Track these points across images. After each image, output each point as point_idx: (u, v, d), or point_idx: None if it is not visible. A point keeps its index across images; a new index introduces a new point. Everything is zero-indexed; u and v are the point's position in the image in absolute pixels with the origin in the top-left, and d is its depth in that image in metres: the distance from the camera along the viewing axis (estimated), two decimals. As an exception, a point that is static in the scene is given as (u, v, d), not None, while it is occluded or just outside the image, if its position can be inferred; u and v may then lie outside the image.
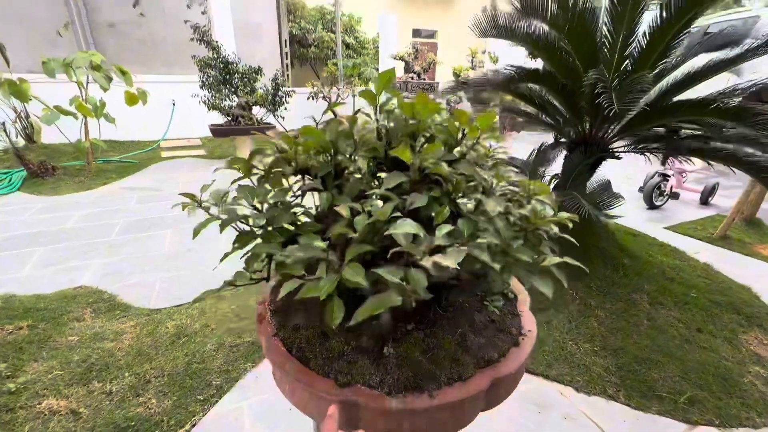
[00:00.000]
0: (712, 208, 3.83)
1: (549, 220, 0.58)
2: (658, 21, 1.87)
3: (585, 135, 2.46)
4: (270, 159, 0.60)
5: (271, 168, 0.59)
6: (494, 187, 0.63)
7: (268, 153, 0.60)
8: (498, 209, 0.54)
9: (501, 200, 0.58)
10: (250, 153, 0.59)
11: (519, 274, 0.59)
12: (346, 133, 0.62)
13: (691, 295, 2.10)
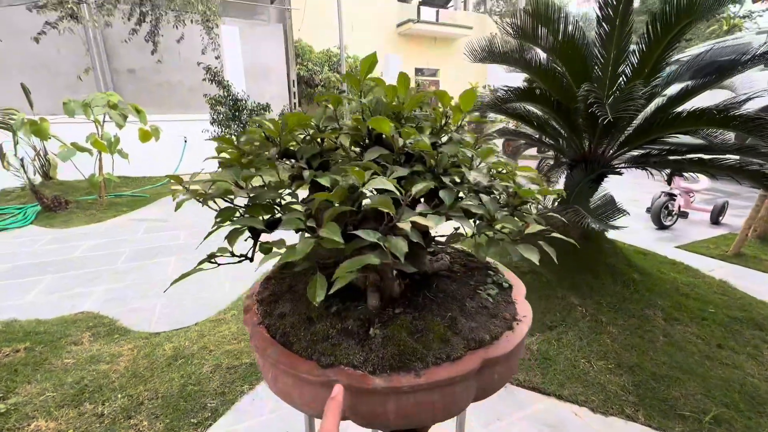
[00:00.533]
0: (724, 227, 3.74)
1: (534, 192, 0.58)
2: (645, 39, 1.94)
3: (585, 152, 2.48)
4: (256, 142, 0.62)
5: (256, 150, 0.60)
6: (479, 165, 0.63)
7: (254, 137, 0.62)
8: (479, 179, 0.54)
9: (485, 175, 0.58)
10: (236, 136, 0.60)
11: (506, 248, 0.58)
12: (330, 116, 0.64)
13: (709, 311, 2.00)
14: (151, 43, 7.58)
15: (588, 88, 1.72)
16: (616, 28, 1.98)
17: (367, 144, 0.67)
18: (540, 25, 2.15)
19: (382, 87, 0.63)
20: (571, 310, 1.93)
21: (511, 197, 0.60)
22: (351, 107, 0.64)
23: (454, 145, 0.62)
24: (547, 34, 2.15)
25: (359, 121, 0.60)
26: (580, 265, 2.18)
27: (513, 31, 2.17)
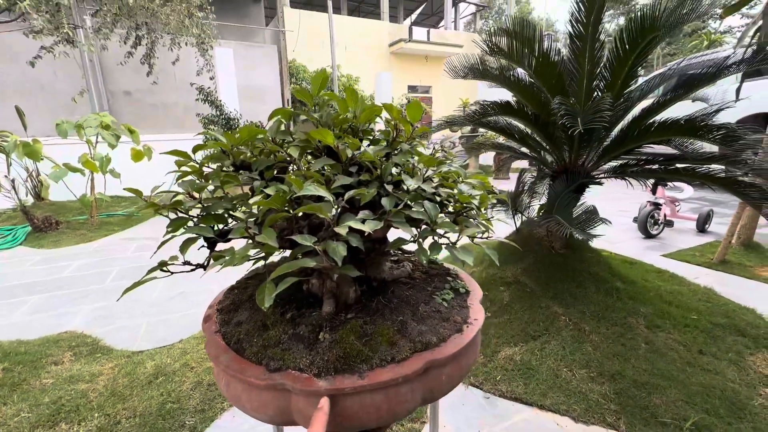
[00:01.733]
0: (711, 235, 3.78)
1: (470, 198, 0.60)
2: (614, 54, 2.01)
3: (566, 164, 2.53)
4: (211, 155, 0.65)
5: (209, 161, 0.62)
6: (424, 172, 0.66)
7: (209, 148, 0.65)
8: (417, 185, 0.57)
9: (428, 183, 0.61)
10: (192, 148, 0.63)
11: (447, 250, 0.60)
12: (283, 130, 0.67)
13: (692, 318, 2.01)
14: (147, 65, 7.73)
15: (560, 101, 1.78)
16: (587, 45, 2.05)
17: (320, 155, 0.70)
18: (516, 43, 2.23)
19: (335, 100, 0.66)
20: (555, 320, 1.94)
21: (453, 204, 0.63)
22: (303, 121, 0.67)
23: (403, 155, 0.65)
24: (524, 51, 2.23)
25: (309, 135, 0.63)
26: (563, 274, 2.19)
27: (489, 49, 2.25)
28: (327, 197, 0.49)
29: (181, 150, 0.61)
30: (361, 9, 20.42)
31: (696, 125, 1.73)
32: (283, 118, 0.66)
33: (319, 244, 0.49)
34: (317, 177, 0.54)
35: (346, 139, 0.59)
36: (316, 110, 0.67)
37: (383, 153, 0.67)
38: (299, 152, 0.62)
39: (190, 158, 0.64)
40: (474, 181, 0.67)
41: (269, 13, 14.41)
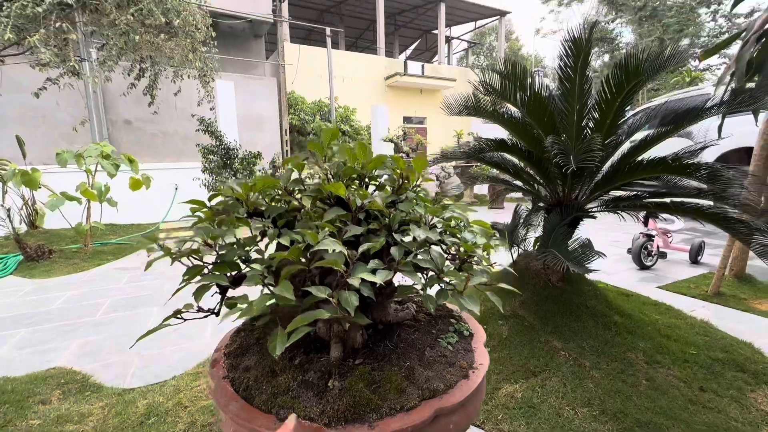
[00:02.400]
0: (704, 266, 3.83)
1: (472, 247, 0.63)
2: (602, 96, 2.12)
3: (560, 197, 2.59)
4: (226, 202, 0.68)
5: (225, 209, 0.65)
6: (429, 221, 0.69)
7: (226, 196, 0.68)
8: (425, 235, 0.59)
9: (434, 231, 0.64)
10: (209, 197, 0.66)
11: (453, 298, 0.62)
12: (296, 179, 0.70)
13: (690, 352, 2.01)
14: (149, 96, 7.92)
15: (553, 140, 1.85)
16: (576, 86, 2.17)
17: (331, 203, 0.73)
18: (509, 83, 2.34)
19: (345, 153, 0.70)
20: (554, 355, 1.93)
21: (458, 252, 0.65)
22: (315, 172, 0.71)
23: (408, 203, 0.69)
24: (516, 91, 2.34)
25: (322, 186, 0.67)
26: (561, 308, 2.20)
27: (484, 89, 2.35)
28: (340, 250, 0.52)
29: (198, 199, 0.64)
30: (358, 44, 21.30)
31: (683, 164, 1.81)
32: (294, 168, 0.69)
33: (332, 294, 0.51)
34: (330, 228, 0.56)
35: (355, 188, 0.62)
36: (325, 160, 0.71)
37: (390, 200, 0.70)
38: (312, 201, 0.65)
39: (205, 205, 0.66)
40: (477, 228, 0.70)
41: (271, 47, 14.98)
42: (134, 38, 6.02)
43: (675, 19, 16.82)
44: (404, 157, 7.41)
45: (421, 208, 0.68)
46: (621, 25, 19.33)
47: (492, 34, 25.96)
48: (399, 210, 0.63)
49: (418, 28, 19.36)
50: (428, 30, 19.53)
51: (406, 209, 0.68)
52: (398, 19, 18.03)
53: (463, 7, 16.31)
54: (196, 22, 7.01)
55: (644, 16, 17.45)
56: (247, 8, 10.22)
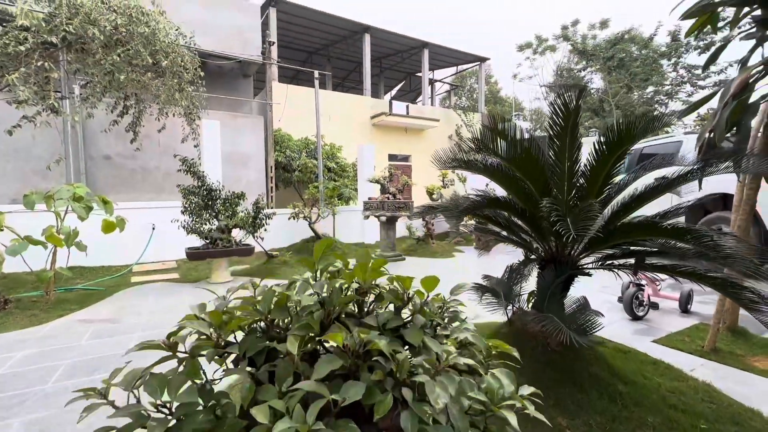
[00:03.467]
0: (694, 316, 3.80)
1: (507, 404, 0.51)
2: (595, 154, 2.12)
3: (553, 253, 2.53)
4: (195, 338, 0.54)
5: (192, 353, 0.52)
6: (445, 360, 0.57)
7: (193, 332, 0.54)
8: (443, 401, 0.47)
9: (452, 380, 0.51)
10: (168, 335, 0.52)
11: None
12: (281, 304, 0.58)
13: (701, 427, 1.89)
14: (132, 132, 7.77)
15: (550, 204, 1.80)
16: (567, 145, 2.16)
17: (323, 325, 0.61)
18: (499, 139, 2.33)
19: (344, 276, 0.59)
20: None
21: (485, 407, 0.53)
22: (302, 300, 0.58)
23: (416, 332, 0.57)
24: (507, 147, 2.32)
25: (313, 323, 0.54)
26: (563, 376, 2.07)
27: (475, 146, 2.33)
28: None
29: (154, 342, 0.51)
30: (344, 84, 21.96)
31: (677, 230, 1.78)
32: (277, 305, 0.57)
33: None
34: (326, 394, 0.44)
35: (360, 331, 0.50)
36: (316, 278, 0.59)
37: (394, 325, 0.58)
38: (299, 343, 0.53)
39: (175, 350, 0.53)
40: (501, 372, 0.58)
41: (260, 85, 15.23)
42: (119, 77, 5.96)
43: (641, 69, 18.09)
44: (390, 198, 7.39)
45: (434, 343, 0.56)
46: (591, 72, 20.64)
47: (473, 77, 27.30)
48: (408, 360, 0.51)
49: (402, 70, 20.18)
50: (412, 72, 20.37)
51: (414, 341, 0.56)
52: (384, 62, 18.78)
53: (445, 53, 17.16)
54: (184, 63, 7.04)
55: (612, 65, 18.73)
56: (236, 50, 10.43)
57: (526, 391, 0.58)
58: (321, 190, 9.26)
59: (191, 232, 5.28)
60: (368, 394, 0.49)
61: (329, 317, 0.56)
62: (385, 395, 0.48)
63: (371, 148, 9.68)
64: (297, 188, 11.91)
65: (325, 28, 14.99)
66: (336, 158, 12.17)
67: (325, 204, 8.51)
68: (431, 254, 7.82)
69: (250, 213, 5.70)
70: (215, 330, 0.53)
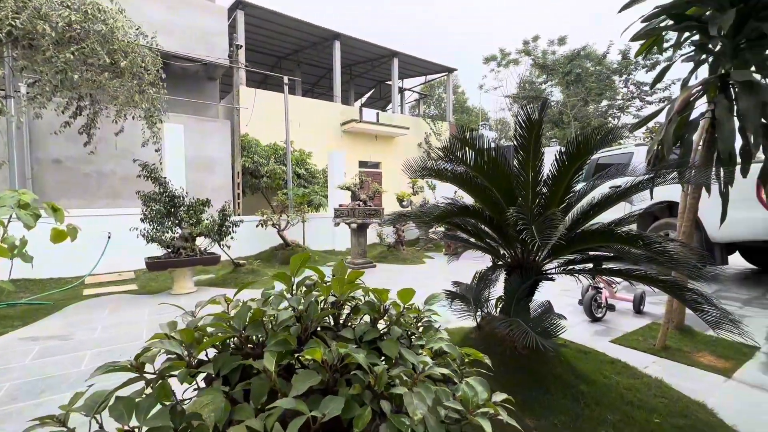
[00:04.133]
0: (647, 316, 4.05)
1: (481, 412, 0.53)
2: (557, 164, 2.24)
3: (519, 259, 2.63)
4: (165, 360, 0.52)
5: (162, 374, 0.50)
6: (421, 371, 0.58)
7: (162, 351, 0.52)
8: (421, 412, 0.48)
9: (429, 390, 0.53)
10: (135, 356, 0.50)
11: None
12: (255, 319, 0.57)
13: (655, 421, 2.01)
14: (86, 135, 7.32)
15: (516, 213, 1.88)
16: (531, 156, 2.27)
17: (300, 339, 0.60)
18: (467, 149, 2.41)
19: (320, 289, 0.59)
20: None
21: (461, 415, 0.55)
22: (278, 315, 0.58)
23: (392, 343, 0.58)
24: (475, 157, 2.40)
25: (290, 338, 0.54)
26: (530, 378, 2.14)
27: (444, 155, 2.39)
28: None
29: (120, 363, 0.48)
30: (314, 90, 21.84)
31: (631, 236, 1.91)
32: (252, 320, 0.56)
33: None
34: (304, 409, 0.43)
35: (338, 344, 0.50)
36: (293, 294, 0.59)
37: (371, 337, 0.59)
38: (276, 359, 0.52)
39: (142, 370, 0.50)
40: (475, 381, 0.60)
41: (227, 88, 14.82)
42: (72, 76, 5.62)
43: (595, 84, 19.30)
44: (361, 204, 7.39)
45: (410, 354, 0.57)
46: (551, 86, 21.77)
47: (441, 87, 27.98)
48: (384, 372, 0.52)
49: (372, 78, 20.36)
50: (382, 80, 20.60)
51: (390, 353, 0.57)
52: (354, 69, 18.88)
53: (414, 63, 17.51)
54: (145, 63, 6.74)
55: (570, 80, 19.86)
56: (201, 51, 10.12)
57: (499, 398, 0.60)
58: (290, 197, 9.11)
59: (152, 240, 5.02)
60: (347, 408, 0.49)
61: (306, 331, 0.56)
62: (364, 408, 0.49)
63: (341, 155, 9.66)
64: (265, 195, 11.65)
65: (295, 34, 14.88)
66: (306, 164, 12.04)
67: (294, 211, 8.37)
68: (402, 261, 7.88)
69: (216, 220, 5.50)
70: (187, 349, 0.51)
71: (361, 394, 0.52)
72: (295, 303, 0.57)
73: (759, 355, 3.00)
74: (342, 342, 0.52)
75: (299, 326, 0.56)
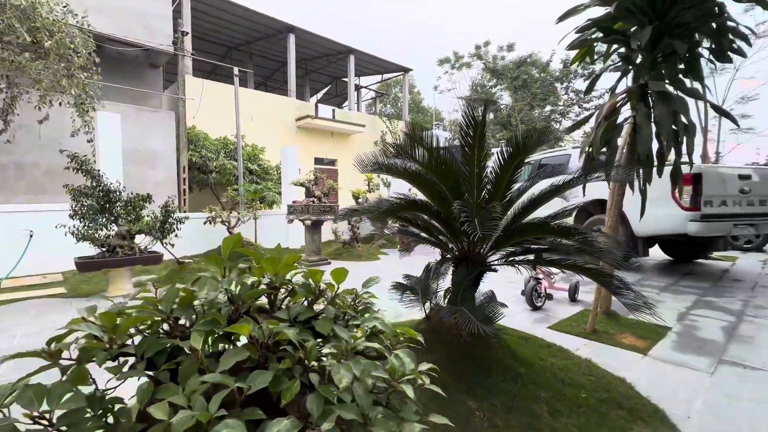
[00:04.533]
0: (581, 304, 4.42)
1: (406, 379, 0.57)
2: (499, 162, 2.37)
3: (466, 252, 2.76)
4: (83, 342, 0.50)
5: (79, 359, 0.48)
6: (352, 345, 0.61)
7: (81, 337, 0.50)
8: (347, 380, 0.51)
9: (358, 363, 0.55)
10: (48, 340, 0.48)
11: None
12: (185, 302, 0.56)
13: (582, 396, 2.21)
14: (2, 122, 6.54)
15: (460, 206, 1.97)
16: (475, 154, 2.39)
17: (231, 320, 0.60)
18: (417, 146, 2.48)
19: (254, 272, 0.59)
20: (470, 417, 1.93)
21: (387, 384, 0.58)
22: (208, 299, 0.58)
23: (326, 322, 0.60)
24: (423, 153, 2.48)
25: (219, 318, 0.54)
26: (474, 364, 2.26)
27: (395, 151, 2.44)
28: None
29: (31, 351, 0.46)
30: (267, 84, 21.14)
31: (563, 229, 2.08)
32: (182, 303, 0.55)
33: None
34: (229, 382, 0.44)
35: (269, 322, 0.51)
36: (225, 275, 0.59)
37: (305, 316, 0.60)
38: (204, 338, 0.52)
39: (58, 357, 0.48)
40: (403, 353, 0.64)
41: (171, 78, 13.89)
42: (-16, 55, 5.01)
43: (540, 90, 20.59)
44: (316, 201, 7.30)
45: (343, 331, 0.59)
46: (501, 90, 22.88)
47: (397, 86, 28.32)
48: (315, 347, 0.54)
49: (329, 74, 20.12)
50: (339, 77, 20.43)
51: (323, 331, 0.59)
52: (309, 64, 18.54)
53: (371, 61, 17.55)
54: (75, 45, 6.15)
55: (517, 85, 21.00)
56: (141, 35, 9.40)
57: (424, 368, 0.64)
58: (241, 193, 8.78)
59: (83, 239, 4.60)
60: (277, 382, 0.50)
61: (237, 312, 0.57)
62: (293, 381, 0.50)
63: (295, 151, 9.46)
64: (215, 191, 11.12)
65: (247, 24, 14.31)
66: (258, 160, 11.64)
67: (246, 208, 8.07)
68: (357, 258, 7.90)
69: (158, 217, 5.16)
70: (108, 333, 0.49)
71: (291, 368, 0.53)
72: (226, 284, 0.58)
73: (670, 335, 3.40)
74: (274, 321, 0.54)
75: (231, 307, 0.57)
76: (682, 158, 3.27)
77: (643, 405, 2.23)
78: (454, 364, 2.28)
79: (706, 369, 2.74)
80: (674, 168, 3.25)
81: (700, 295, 4.66)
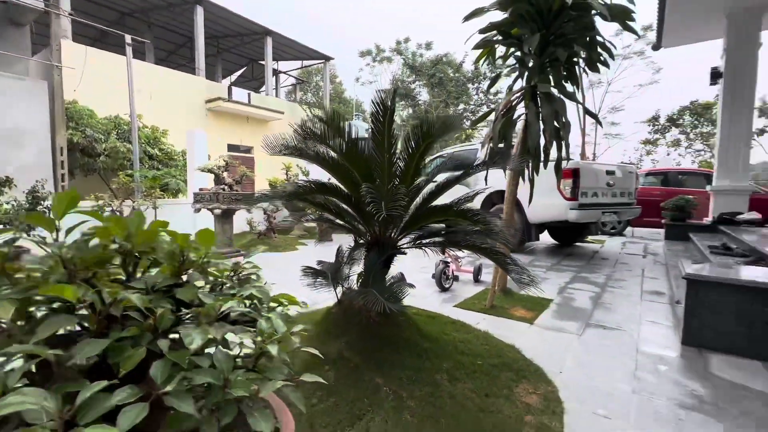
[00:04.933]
0: (483, 284, 4.86)
1: (272, 340, 0.56)
2: (406, 150, 2.47)
3: (377, 236, 2.82)
4: None
5: None
6: (218, 310, 0.58)
7: None
8: (197, 343, 0.48)
9: (222, 327, 0.53)
10: None
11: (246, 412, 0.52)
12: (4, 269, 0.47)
13: (478, 363, 2.45)
14: None
15: (367, 188, 2.01)
16: (385, 139, 2.45)
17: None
18: (331, 131, 2.45)
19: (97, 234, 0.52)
20: (377, 391, 2.01)
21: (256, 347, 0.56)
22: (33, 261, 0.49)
23: (191, 288, 0.56)
24: (336, 138, 2.46)
25: (36, 281, 0.46)
26: (382, 342, 2.34)
27: (304, 134, 2.39)
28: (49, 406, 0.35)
29: None
30: (171, 60, 18.96)
31: (462, 210, 2.26)
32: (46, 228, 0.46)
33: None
34: (42, 352, 0.38)
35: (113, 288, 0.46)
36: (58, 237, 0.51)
37: (167, 283, 0.55)
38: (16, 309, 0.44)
39: None
40: (276, 313, 0.63)
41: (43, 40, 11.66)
42: None
43: (454, 89, 21.91)
44: (227, 189, 6.81)
45: (208, 297, 0.56)
46: (419, 86, 23.80)
47: (318, 75, 27.64)
48: (168, 310, 0.50)
49: (244, 55, 18.78)
50: (255, 60, 19.20)
51: (187, 297, 0.55)
52: (222, 42, 17.07)
53: (290, 45, 16.81)
54: None
55: (434, 82, 22.05)
56: (-3, -15, 7.69)
57: (296, 329, 0.64)
58: (137, 179, 7.79)
59: None
60: (118, 352, 0.45)
61: (72, 278, 0.49)
62: (136, 349, 0.46)
63: (203, 135, 8.68)
64: (104, 177, 9.70)
65: (143, -12, 12.59)
66: (160, 144, 10.43)
67: (143, 196, 7.18)
68: (274, 248, 7.60)
69: (22, 205, 4.32)
70: None
71: (138, 336, 0.48)
72: (57, 248, 0.50)
73: (552, 306, 3.92)
74: (115, 286, 0.48)
75: (64, 273, 0.49)
76: (562, 153, 3.77)
77: (527, 366, 2.55)
78: (364, 344, 2.34)
79: (576, 332, 3.23)
80: (557, 162, 3.73)
81: (576, 272, 5.46)
